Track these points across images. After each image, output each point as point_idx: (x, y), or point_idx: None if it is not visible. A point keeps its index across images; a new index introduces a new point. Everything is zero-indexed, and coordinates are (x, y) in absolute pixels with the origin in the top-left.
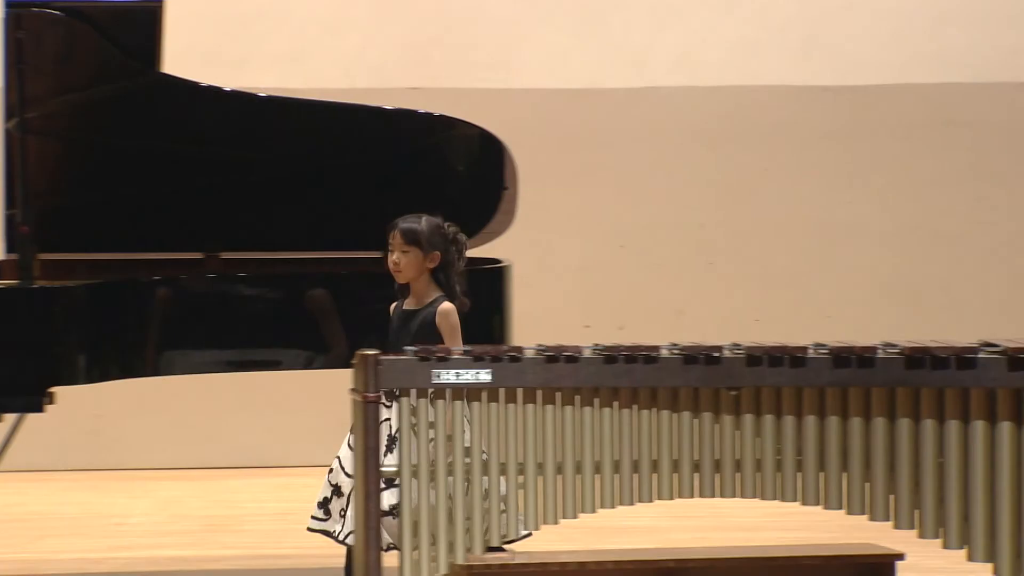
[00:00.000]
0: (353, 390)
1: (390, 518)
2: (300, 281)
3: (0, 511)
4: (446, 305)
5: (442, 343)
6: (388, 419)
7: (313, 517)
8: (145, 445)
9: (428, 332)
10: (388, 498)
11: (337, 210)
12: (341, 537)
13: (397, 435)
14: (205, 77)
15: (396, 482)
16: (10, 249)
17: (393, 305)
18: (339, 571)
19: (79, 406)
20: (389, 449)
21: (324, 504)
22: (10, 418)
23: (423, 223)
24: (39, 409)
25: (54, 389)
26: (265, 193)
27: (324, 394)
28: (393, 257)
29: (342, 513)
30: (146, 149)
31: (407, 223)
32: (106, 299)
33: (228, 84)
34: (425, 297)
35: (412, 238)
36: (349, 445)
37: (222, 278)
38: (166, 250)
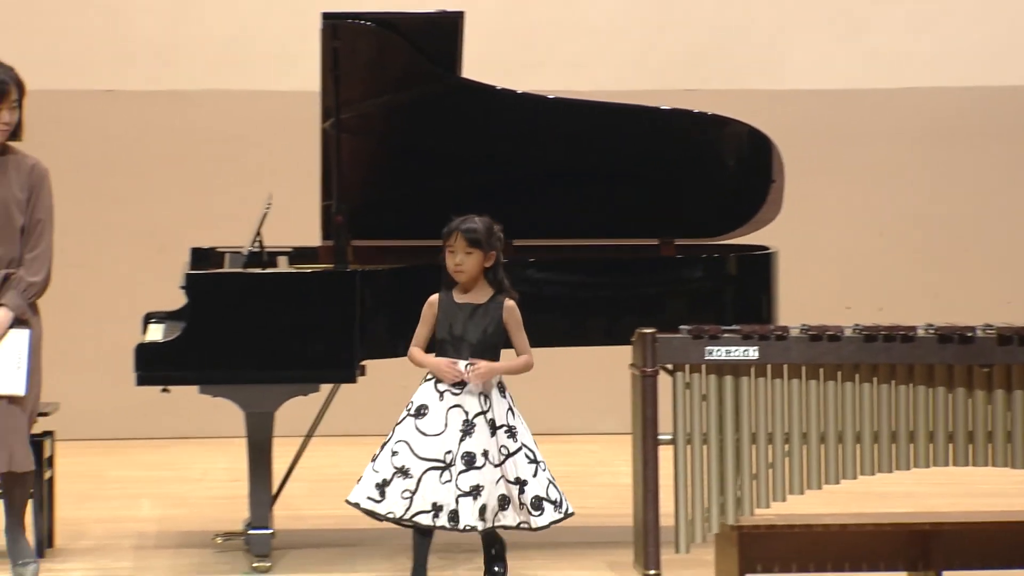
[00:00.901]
0: (632, 365)
1: (469, 499)
2: (587, 265)
3: (316, 472)
4: (511, 302)
5: (506, 336)
6: (459, 405)
7: (370, 499)
8: None
9: (497, 327)
10: (467, 480)
11: (618, 202)
12: (408, 516)
13: (474, 420)
14: (500, 81)
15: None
16: (326, 237)
17: (435, 299)
18: (626, 529)
19: (386, 377)
20: (467, 434)
21: (382, 487)
22: (326, 388)
23: (481, 225)
24: (352, 380)
25: (365, 362)
26: (553, 186)
27: (601, 367)
28: (456, 259)
29: (404, 495)
30: (446, 147)
31: (469, 225)
32: (411, 281)
33: (521, 87)
34: (480, 293)
35: (475, 241)
36: (419, 430)
37: (516, 262)
38: None
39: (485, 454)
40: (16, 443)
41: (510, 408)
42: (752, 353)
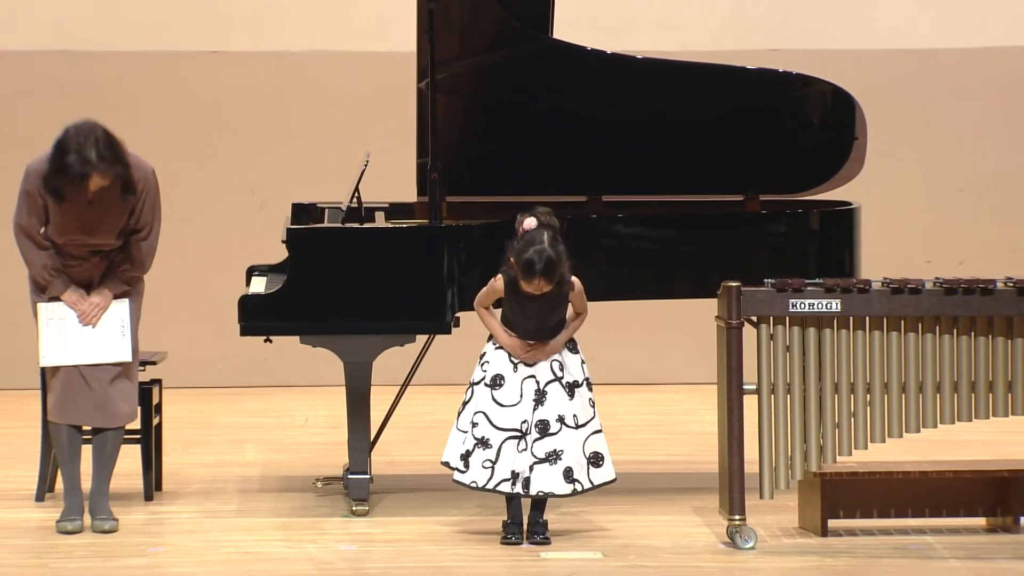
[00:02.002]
0: (718, 317)
1: (545, 465)
2: (674, 220)
3: (412, 419)
4: (579, 284)
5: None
6: (532, 375)
7: (456, 469)
8: None
9: (564, 307)
10: (543, 447)
11: (705, 159)
12: (491, 486)
13: (546, 388)
14: (590, 42)
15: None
16: (421, 192)
17: (500, 285)
18: (712, 476)
19: (480, 329)
20: (539, 403)
21: (465, 457)
22: (422, 339)
23: (558, 258)
24: (447, 331)
25: (459, 314)
26: (642, 143)
27: (687, 319)
28: (538, 288)
29: (485, 465)
30: (538, 106)
31: (551, 272)
32: (504, 236)
33: (610, 48)
34: None
35: (558, 280)
36: (495, 401)
37: (604, 217)
38: (554, 194)
39: (561, 419)
40: (118, 399)
41: (583, 362)
42: (834, 306)
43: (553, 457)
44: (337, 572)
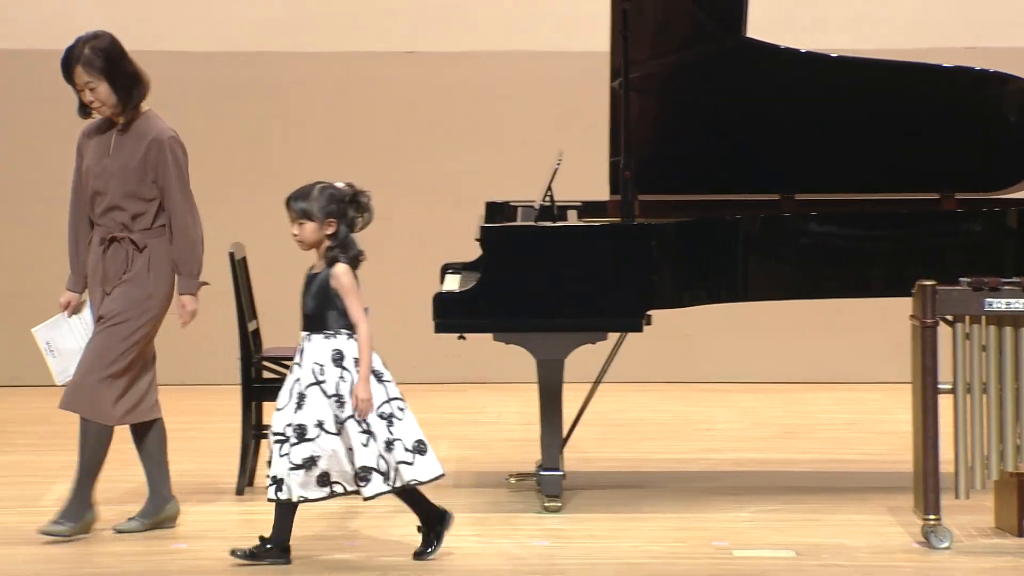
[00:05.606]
0: (913, 316)
1: (302, 472)
2: (869, 218)
3: (604, 416)
4: (339, 267)
5: (341, 302)
6: (298, 378)
7: None
8: (729, 360)
9: (325, 293)
10: (299, 452)
11: (901, 157)
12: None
13: (307, 391)
14: (784, 40)
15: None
16: (614, 191)
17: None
18: (906, 476)
19: (672, 326)
20: (299, 406)
21: None
22: (613, 336)
23: (310, 192)
24: (639, 329)
25: (651, 312)
26: (836, 141)
27: (883, 317)
28: (293, 231)
29: (268, 477)
30: (730, 104)
31: (294, 193)
32: (695, 234)
33: (804, 46)
34: (323, 260)
35: (302, 212)
36: (276, 406)
37: (798, 216)
38: (747, 192)
39: (320, 424)
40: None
41: (341, 377)
42: None
43: (309, 464)
44: (529, 567)
